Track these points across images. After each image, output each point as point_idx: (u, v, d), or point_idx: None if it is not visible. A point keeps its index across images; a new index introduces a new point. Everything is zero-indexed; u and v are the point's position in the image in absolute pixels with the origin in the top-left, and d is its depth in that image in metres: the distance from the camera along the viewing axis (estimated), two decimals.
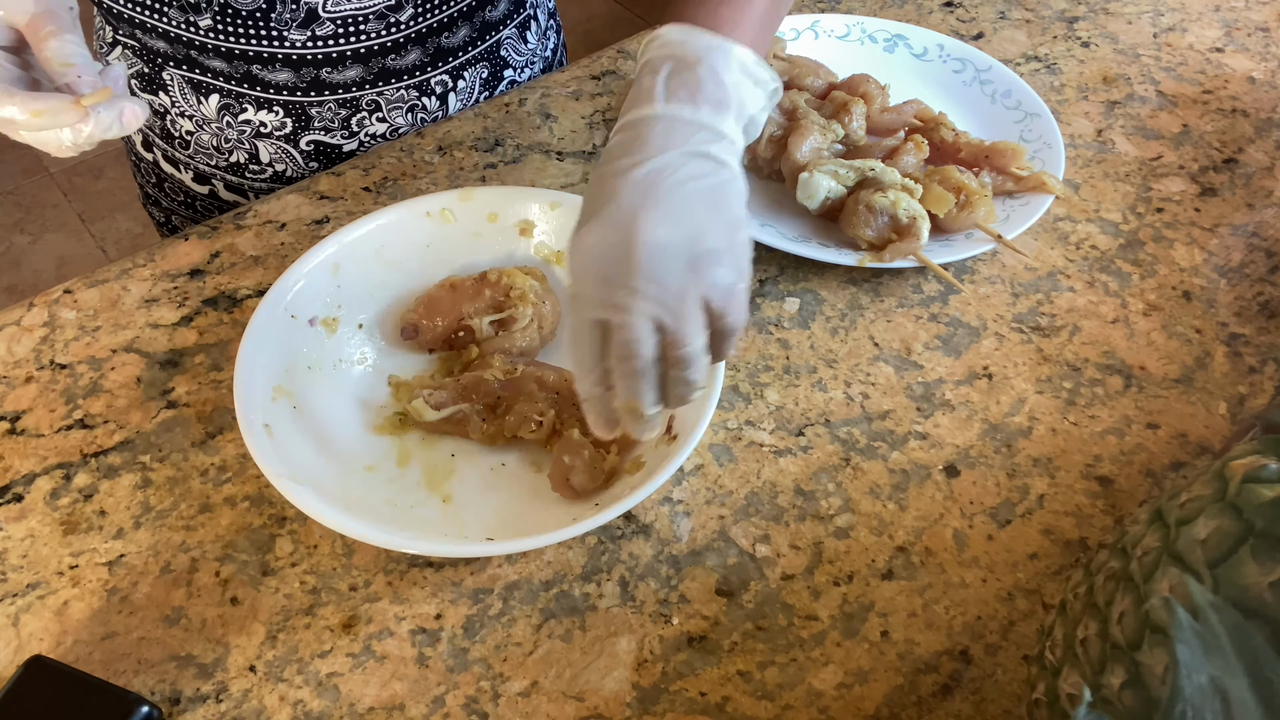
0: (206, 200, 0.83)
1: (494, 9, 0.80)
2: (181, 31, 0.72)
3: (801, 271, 0.70)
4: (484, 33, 0.80)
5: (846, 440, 0.61)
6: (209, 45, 0.72)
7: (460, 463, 0.59)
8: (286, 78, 0.73)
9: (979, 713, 0.50)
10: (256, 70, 0.73)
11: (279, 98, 0.75)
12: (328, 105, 0.76)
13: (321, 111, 0.76)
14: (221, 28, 0.70)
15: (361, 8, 0.71)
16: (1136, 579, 0.37)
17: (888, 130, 0.76)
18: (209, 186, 0.82)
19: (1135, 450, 0.61)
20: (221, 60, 0.73)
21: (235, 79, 0.74)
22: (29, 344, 0.64)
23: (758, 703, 0.50)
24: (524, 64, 0.86)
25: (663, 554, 0.56)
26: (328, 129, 0.77)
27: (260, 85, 0.74)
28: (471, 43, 0.80)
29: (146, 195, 0.89)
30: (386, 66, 0.75)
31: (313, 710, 0.50)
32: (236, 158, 0.79)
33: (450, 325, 0.63)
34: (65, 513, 0.56)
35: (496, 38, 0.82)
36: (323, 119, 0.76)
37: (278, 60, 0.72)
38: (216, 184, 0.82)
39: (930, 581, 0.55)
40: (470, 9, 0.77)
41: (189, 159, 0.81)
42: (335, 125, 0.77)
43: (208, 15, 0.70)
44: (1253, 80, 0.87)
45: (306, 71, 0.73)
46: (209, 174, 0.81)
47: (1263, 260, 0.72)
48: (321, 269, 0.63)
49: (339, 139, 0.78)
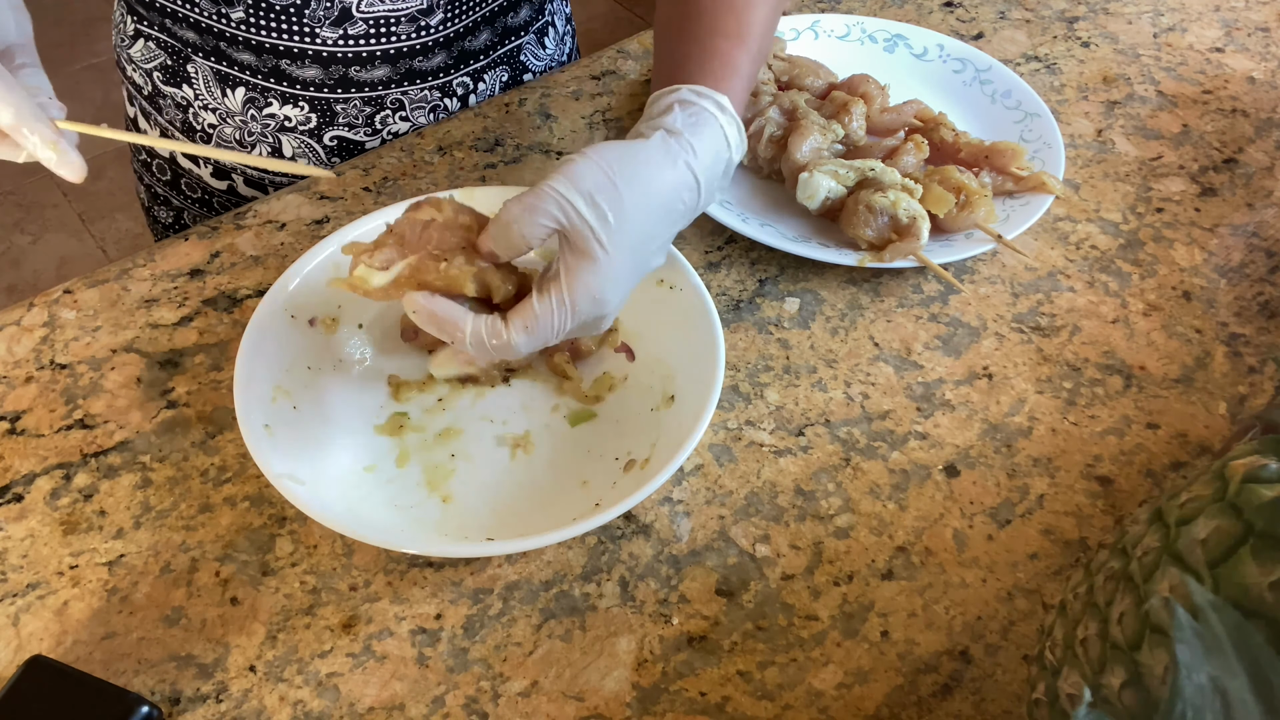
0: (224, 196, 0.83)
1: (515, 15, 0.81)
2: (213, 22, 0.72)
3: (801, 271, 0.70)
4: (505, 37, 0.81)
5: (846, 440, 0.61)
6: (239, 38, 0.72)
7: (460, 463, 0.59)
8: (315, 74, 0.74)
9: (979, 713, 0.50)
10: (285, 65, 0.73)
11: (305, 93, 0.75)
12: (353, 103, 0.76)
13: (347, 109, 0.76)
14: (254, 20, 0.71)
15: (394, 10, 0.71)
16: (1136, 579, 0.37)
17: (888, 130, 0.76)
18: (228, 182, 0.82)
19: (1135, 450, 0.61)
20: (250, 53, 0.73)
21: (263, 73, 0.74)
22: (29, 344, 0.64)
23: (758, 703, 0.50)
24: (542, 69, 0.87)
25: (663, 554, 0.56)
26: (351, 125, 0.78)
27: (288, 80, 0.75)
28: (493, 46, 0.80)
29: (155, 195, 0.89)
30: (413, 68, 0.76)
31: (313, 710, 0.50)
32: (260, 151, 0.79)
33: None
34: (65, 513, 0.56)
35: (517, 43, 0.83)
36: (347, 115, 0.77)
37: (308, 56, 0.73)
38: (236, 179, 0.82)
39: (930, 581, 0.55)
40: (493, 14, 0.78)
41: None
42: (359, 122, 0.77)
43: (240, 8, 0.70)
44: (1253, 80, 0.87)
45: (335, 69, 0.74)
46: (229, 168, 0.82)
47: (1263, 260, 0.72)
48: (322, 269, 0.63)
49: (362, 135, 0.78)
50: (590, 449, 0.60)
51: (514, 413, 0.61)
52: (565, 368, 0.62)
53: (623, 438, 0.59)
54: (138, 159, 0.89)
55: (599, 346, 0.64)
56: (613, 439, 0.60)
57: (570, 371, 0.62)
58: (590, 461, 0.59)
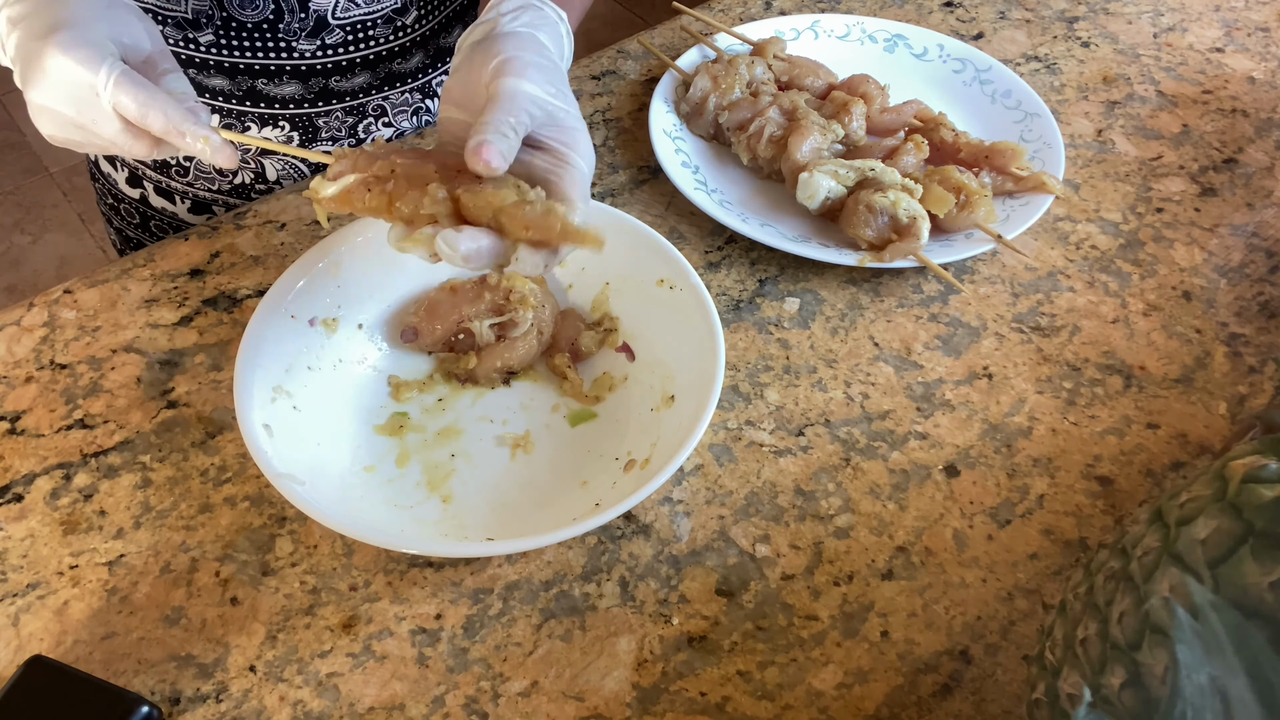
0: None
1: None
2: (180, 49, 0.70)
3: (801, 271, 0.70)
4: None
5: (846, 440, 0.61)
6: (210, 61, 0.71)
7: (460, 463, 0.59)
8: (294, 90, 0.73)
9: (979, 713, 0.50)
10: (262, 85, 0.72)
11: (284, 112, 0.74)
12: (335, 114, 0.75)
13: (329, 121, 0.76)
14: (224, 42, 0.69)
15: (370, 12, 0.71)
16: (1136, 579, 0.37)
17: (888, 130, 0.76)
18: (207, 215, 0.81)
19: (1135, 450, 0.61)
20: (224, 77, 0.72)
21: (237, 96, 0.73)
22: (29, 344, 0.64)
23: (758, 703, 0.50)
24: None
25: (663, 554, 0.56)
26: (335, 139, 0.77)
27: (264, 101, 0.73)
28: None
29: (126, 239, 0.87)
30: (393, 71, 0.75)
31: (313, 710, 0.50)
32: (242, 179, 0.78)
33: (450, 329, 0.63)
34: (65, 513, 0.56)
35: None
36: (330, 129, 0.76)
37: (285, 72, 0.72)
38: (218, 210, 0.80)
39: (930, 581, 0.55)
40: (464, 8, 0.78)
41: (187, 187, 0.79)
42: (343, 134, 0.77)
43: (209, 31, 0.69)
44: (1253, 80, 0.87)
45: (315, 82, 0.73)
46: (209, 200, 0.80)
47: (1263, 260, 0.72)
48: (322, 269, 0.63)
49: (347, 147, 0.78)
50: (590, 449, 0.60)
51: (514, 413, 0.61)
52: (565, 369, 0.62)
53: (623, 438, 0.59)
54: (104, 205, 0.87)
55: (599, 348, 0.64)
56: (613, 439, 0.60)
57: (570, 373, 0.62)
58: (590, 461, 0.59)
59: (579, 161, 0.51)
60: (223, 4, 0.67)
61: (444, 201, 0.49)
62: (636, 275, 0.64)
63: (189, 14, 0.68)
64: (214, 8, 0.67)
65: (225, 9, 0.67)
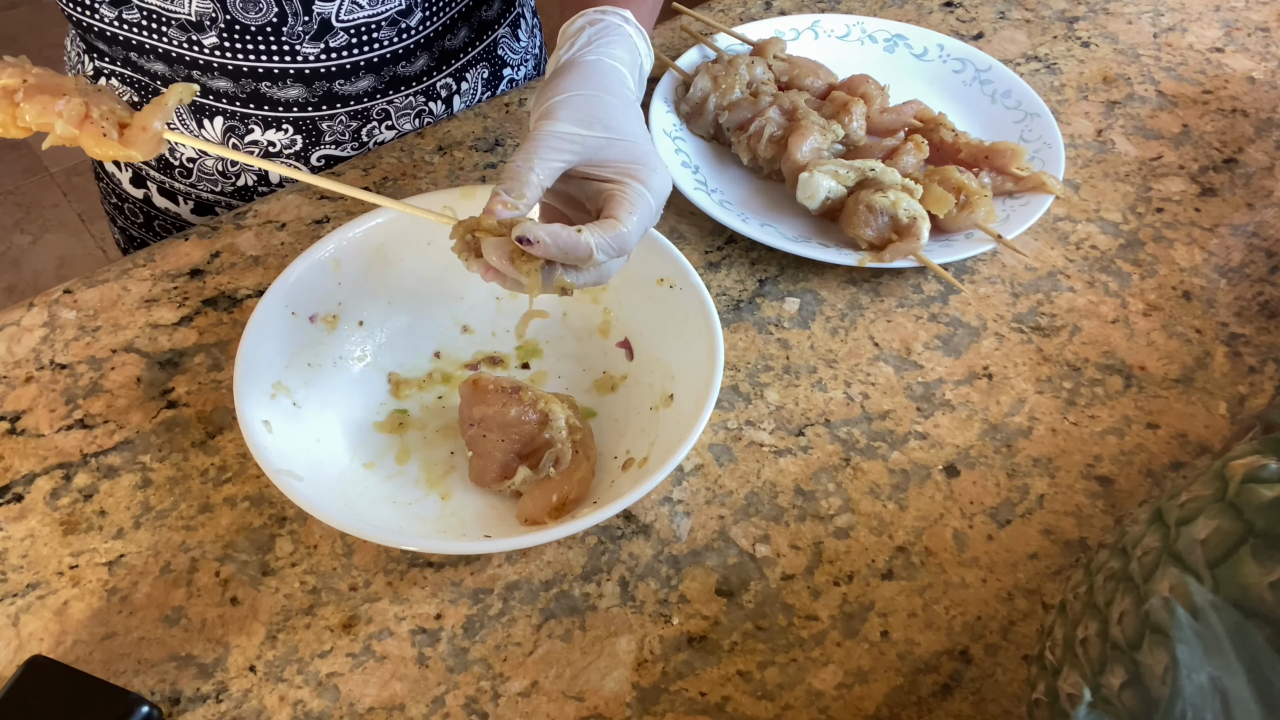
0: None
1: (489, 8, 0.80)
2: (184, 51, 0.70)
3: (801, 271, 0.70)
4: (481, 32, 0.80)
5: (846, 440, 0.61)
6: (214, 64, 0.70)
7: (459, 460, 0.59)
8: (298, 93, 0.72)
9: (979, 713, 0.50)
10: (265, 88, 0.72)
11: (288, 115, 0.74)
12: (339, 118, 0.75)
13: (333, 125, 0.75)
14: (228, 44, 0.69)
15: (374, 14, 0.70)
16: (1136, 579, 0.37)
17: (888, 130, 0.76)
18: (210, 216, 0.80)
19: (1135, 450, 0.61)
20: (227, 79, 0.71)
21: (241, 99, 0.73)
22: (29, 344, 0.64)
23: (758, 703, 0.50)
24: (519, 61, 0.87)
25: (663, 554, 0.56)
26: (338, 142, 0.77)
27: (268, 104, 0.73)
28: (471, 43, 0.80)
29: (130, 239, 0.87)
30: (397, 74, 0.75)
31: (313, 710, 0.50)
32: (244, 181, 0.78)
33: (504, 461, 0.57)
34: (65, 513, 0.56)
35: (493, 36, 0.82)
36: (333, 133, 0.76)
37: (289, 76, 0.71)
38: (221, 212, 0.80)
39: (930, 581, 0.55)
40: (468, 9, 0.77)
41: (190, 188, 0.79)
42: (346, 138, 0.77)
43: (213, 33, 0.68)
44: (1253, 80, 0.87)
45: (319, 85, 0.72)
46: (212, 202, 0.80)
47: (1263, 260, 0.72)
48: (322, 266, 0.63)
49: (349, 151, 0.77)
50: None
51: None
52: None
53: (621, 437, 0.59)
54: (109, 205, 0.86)
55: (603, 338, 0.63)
56: (612, 438, 0.60)
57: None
58: None
59: (633, 184, 0.52)
60: (226, 6, 0.67)
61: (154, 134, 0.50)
62: (637, 274, 0.64)
63: (192, 16, 0.67)
64: (218, 10, 0.67)
65: (229, 11, 0.67)
